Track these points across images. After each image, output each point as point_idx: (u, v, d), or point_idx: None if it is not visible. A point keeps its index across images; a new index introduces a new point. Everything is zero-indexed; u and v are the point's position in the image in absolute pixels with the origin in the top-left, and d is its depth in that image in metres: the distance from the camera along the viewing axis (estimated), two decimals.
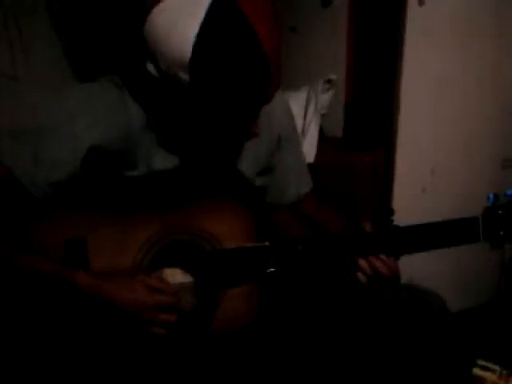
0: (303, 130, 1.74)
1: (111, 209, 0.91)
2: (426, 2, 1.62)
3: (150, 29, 0.79)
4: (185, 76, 0.78)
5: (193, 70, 0.77)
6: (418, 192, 1.77)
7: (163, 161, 0.95)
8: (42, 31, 1.82)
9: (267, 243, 0.93)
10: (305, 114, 1.75)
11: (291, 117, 1.15)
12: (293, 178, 1.14)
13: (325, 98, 1.78)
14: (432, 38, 1.64)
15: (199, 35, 0.74)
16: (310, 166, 1.28)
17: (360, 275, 0.93)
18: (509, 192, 0.94)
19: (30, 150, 0.86)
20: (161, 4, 0.78)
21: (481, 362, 1.51)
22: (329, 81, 1.78)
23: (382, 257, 0.92)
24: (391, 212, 0.96)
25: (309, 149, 1.73)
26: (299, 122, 1.73)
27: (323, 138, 1.81)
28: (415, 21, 1.62)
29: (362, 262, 0.92)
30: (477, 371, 1.49)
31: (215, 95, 0.80)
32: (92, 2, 1.84)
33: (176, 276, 0.92)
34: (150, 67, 0.83)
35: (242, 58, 0.76)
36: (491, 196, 0.94)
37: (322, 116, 1.80)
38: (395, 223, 0.95)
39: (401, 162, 1.74)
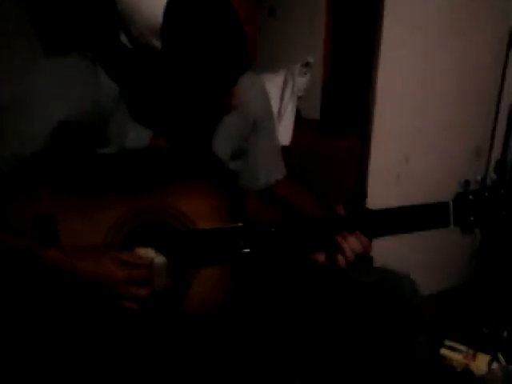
0: (279, 112, 1.73)
1: (82, 187, 0.90)
2: None
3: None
4: (157, 43, 0.76)
5: (165, 36, 0.75)
6: (392, 179, 1.78)
7: (136, 138, 0.93)
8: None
9: (240, 224, 0.93)
10: (281, 97, 1.74)
11: (267, 100, 1.13)
12: (265, 163, 1.14)
13: (302, 80, 1.77)
14: (411, 25, 1.64)
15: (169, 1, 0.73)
16: (285, 148, 1.28)
17: (335, 254, 0.93)
18: (479, 178, 0.95)
19: None
20: None
21: (448, 343, 1.56)
22: (306, 64, 1.77)
23: (357, 233, 0.92)
24: (364, 196, 0.96)
25: (285, 131, 1.72)
26: (276, 104, 1.72)
27: (300, 119, 1.80)
28: (394, 5, 1.62)
29: (338, 238, 0.92)
30: (444, 351, 1.54)
31: (188, 62, 0.78)
32: None
33: (149, 256, 0.91)
34: (123, 37, 0.81)
35: (214, 22, 0.75)
36: (462, 182, 0.95)
37: (299, 98, 1.80)
38: (368, 207, 0.95)
39: (376, 149, 1.75)
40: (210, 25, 0.75)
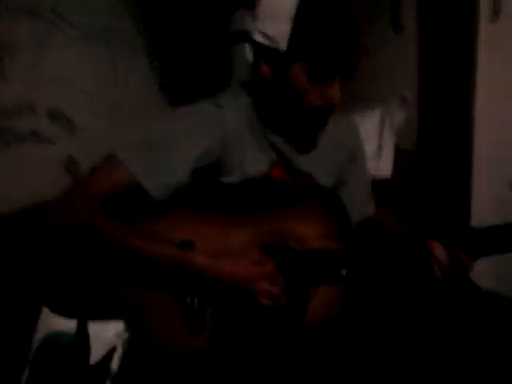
0: (380, 146, 1.82)
1: (213, 212, 1.05)
2: (500, 18, 1.66)
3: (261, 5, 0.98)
4: (287, 27, 0.94)
5: (296, 21, 0.94)
6: (495, 206, 1.77)
7: (256, 168, 1.07)
8: (140, 68, 2.07)
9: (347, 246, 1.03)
10: (380, 132, 1.84)
11: (359, 138, 1.25)
12: (360, 198, 1.22)
13: (400, 115, 1.86)
14: (506, 53, 1.67)
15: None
16: (387, 181, 1.37)
17: (435, 267, 0.98)
18: None
19: (149, 159, 1.00)
20: None
21: None
22: (403, 99, 1.86)
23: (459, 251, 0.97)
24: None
25: (386, 164, 1.81)
26: (375, 140, 1.82)
27: (398, 151, 1.88)
28: (488, 37, 1.67)
29: (439, 252, 0.98)
30: None
31: (311, 45, 0.95)
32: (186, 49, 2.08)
33: None
34: (258, 35, 0.99)
35: (337, 16, 0.93)
36: None
37: (397, 130, 1.88)
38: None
39: (477, 178, 1.77)
40: (333, 14, 0.94)
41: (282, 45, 0.96)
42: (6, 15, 1.67)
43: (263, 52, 1.00)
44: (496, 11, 1.65)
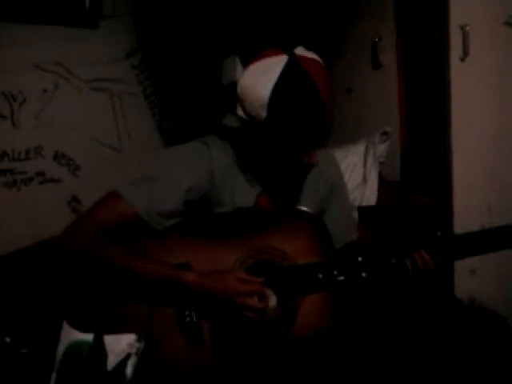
0: (364, 177, 1.94)
1: (207, 237, 1.16)
2: (469, 56, 1.80)
3: (242, 83, 1.10)
4: (263, 114, 1.06)
5: (269, 109, 1.05)
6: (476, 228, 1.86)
7: (245, 198, 1.19)
8: (141, 113, 2.22)
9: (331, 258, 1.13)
10: (364, 163, 1.96)
11: (340, 171, 1.39)
12: (341, 225, 1.33)
13: (382, 147, 1.99)
14: (476, 89, 1.81)
15: (275, 85, 1.04)
16: (371, 208, 1.47)
17: (408, 263, 1.09)
18: None
19: (146, 193, 1.12)
20: (248, 68, 1.10)
21: None
22: (385, 133, 1.99)
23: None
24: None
25: (370, 193, 1.92)
26: (359, 170, 1.94)
27: (382, 182, 2.00)
28: (458, 75, 1.81)
29: (415, 254, 1.10)
30: None
31: (284, 128, 1.07)
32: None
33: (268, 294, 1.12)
34: (240, 111, 1.12)
35: (304, 101, 1.05)
36: None
37: (381, 164, 2.01)
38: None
39: (458, 204, 1.85)
40: (302, 102, 1.05)
41: (260, 123, 1.08)
42: (15, 68, 1.82)
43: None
44: (465, 52, 1.80)
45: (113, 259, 1.07)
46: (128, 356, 0.97)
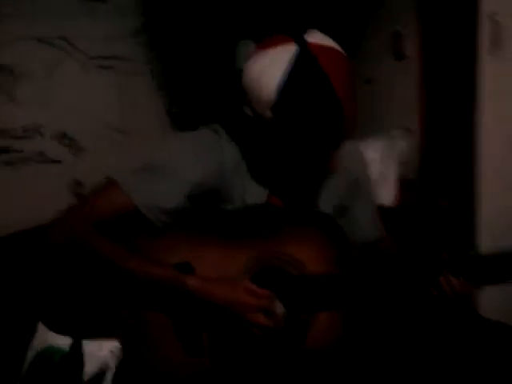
0: (381, 174, 1.84)
1: (212, 235, 1.06)
2: (500, 48, 1.68)
3: (246, 77, 0.98)
4: (269, 114, 0.95)
5: (275, 109, 0.94)
6: (504, 228, 1.74)
7: (255, 196, 1.09)
8: (148, 95, 2.12)
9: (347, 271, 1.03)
10: (382, 160, 1.86)
11: (365, 165, 1.26)
12: (364, 222, 1.22)
13: (402, 144, 1.88)
14: (509, 86, 1.69)
15: (281, 81, 0.92)
16: (388, 209, 1.37)
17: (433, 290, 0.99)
18: None
19: (147, 184, 1.02)
20: (252, 59, 0.97)
21: None
22: (406, 129, 1.89)
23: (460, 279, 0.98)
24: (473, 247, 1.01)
25: (388, 193, 1.82)
26: (376, 167, 1.84)
27: (402, 181, 1.89)
28: (488, 69, 1.69)
29: (441, 279, 0.98)
30: None
31: (293, 129, 0.95)
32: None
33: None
34: (247, 109, 1.00)
35: (316, 100, 0.93)
36: None
37: (401, 162, 1.90)
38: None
39: (485, 216, 1.72)
40: (312, 102, 0.93)
41: (268, 118, 0.96)
42: (18, 42, 1.74)
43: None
44: (495, 43, 1.69)
45: (107, 255, 0.98)
46: (107, 367, 0.87)
